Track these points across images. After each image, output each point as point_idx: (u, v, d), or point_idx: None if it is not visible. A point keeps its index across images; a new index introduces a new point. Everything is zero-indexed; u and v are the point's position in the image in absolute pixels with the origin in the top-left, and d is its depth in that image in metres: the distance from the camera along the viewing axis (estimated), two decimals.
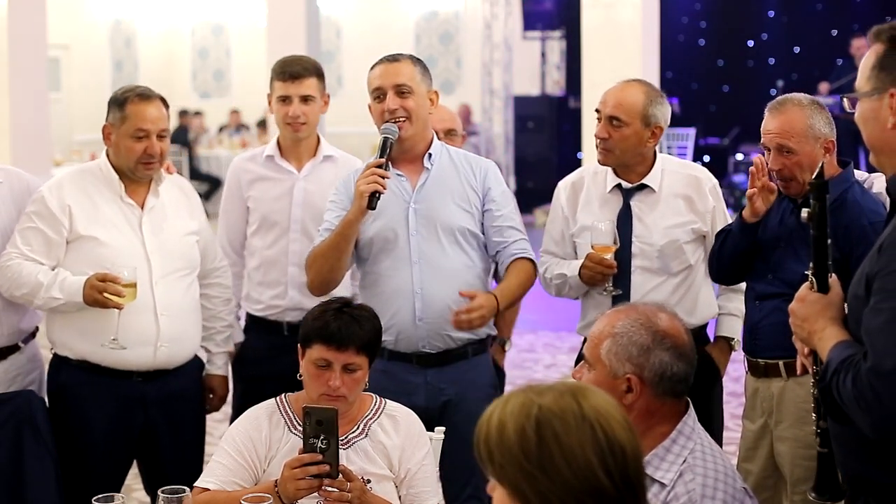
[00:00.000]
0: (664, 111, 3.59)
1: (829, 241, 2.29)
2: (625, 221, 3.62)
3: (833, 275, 2.29)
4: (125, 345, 3.46)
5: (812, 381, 2.38)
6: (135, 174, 3.59)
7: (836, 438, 2.29)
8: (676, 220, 3.59)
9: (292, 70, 3.94)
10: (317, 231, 3.93)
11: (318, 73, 4.00)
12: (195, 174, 15.20)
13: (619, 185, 3.66)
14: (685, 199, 3.62)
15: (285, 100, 3.94)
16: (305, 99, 3.94)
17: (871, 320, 2.06)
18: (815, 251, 2.29)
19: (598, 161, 3.64)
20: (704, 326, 3.71)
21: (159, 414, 3.61)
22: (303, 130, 3.97)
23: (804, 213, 2.32)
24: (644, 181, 3.63)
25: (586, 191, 3.73)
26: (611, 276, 3.54)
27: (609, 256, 3.52)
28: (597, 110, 3.61)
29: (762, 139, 3.39)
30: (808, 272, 2.30)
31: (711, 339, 3.75)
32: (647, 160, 3.65)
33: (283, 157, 4.05)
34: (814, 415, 2.40)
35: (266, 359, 3.94)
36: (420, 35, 17.82)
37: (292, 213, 3.99)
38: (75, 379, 3.57)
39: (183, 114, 16.19)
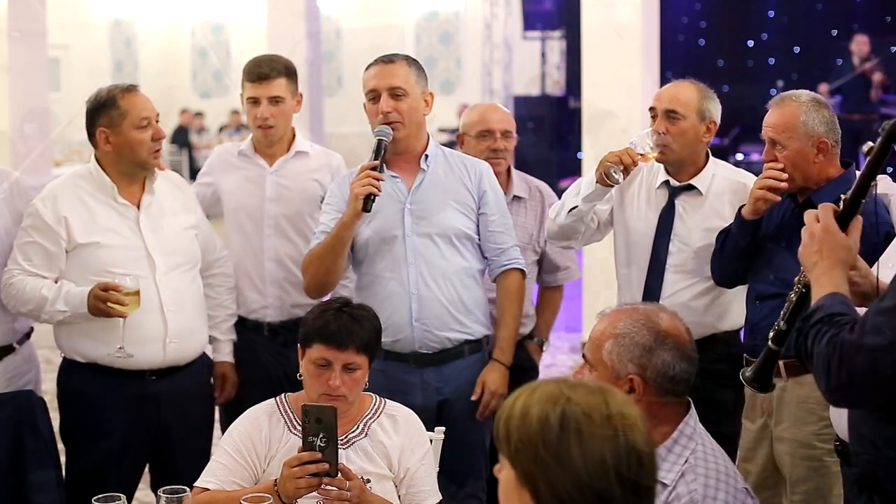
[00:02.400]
0: (716, 107, 3.63)
1: (875, 182, 2.28)
2: (666, 219, 3.65)
3: (859, 217, 2.28)
4: (132, 352, 3.45)
5: (794, 290, 2.41)
6: (147, 165, 3.56)
7: (858, 435, 2.31)
8: (718, 224, 3.57)
9: (260, 71, 3.89)
10: (291, 227, 3.93)
11: (289, 73, 3.94)
12: (195, 175, 15.19)
13: (667, 182, 3.67)
14: (731, 205, 3.60)
15: (255, 102, 3.91)
16: (274, 100, 3.90)
17: (883, 301, 2.09)
18: (860, 183, 2.28)
19: (657, 159, 3.63)
20: (737, 332, 3.69)
21: (171, 413, 3.60)
22: (271, 133, 3.95)
23: (867, 145, 2.29)
24: (692, 182, 3.64)
25: (640, 179, 3.74)
26: (624, 167, 3.47)
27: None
28: (651, 108, 3.62)
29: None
30: (843, 195, 2.30)
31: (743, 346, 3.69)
32: (699, 160, 3.66)
33: (258, 153, 4.04)
34: (781, 312, 2.45)
35: (246, 360, 3.93)
36: (420, 35, 17.83)
37: (266, 208, 3.98)
38: (88, 382, 3.56)
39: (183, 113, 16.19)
